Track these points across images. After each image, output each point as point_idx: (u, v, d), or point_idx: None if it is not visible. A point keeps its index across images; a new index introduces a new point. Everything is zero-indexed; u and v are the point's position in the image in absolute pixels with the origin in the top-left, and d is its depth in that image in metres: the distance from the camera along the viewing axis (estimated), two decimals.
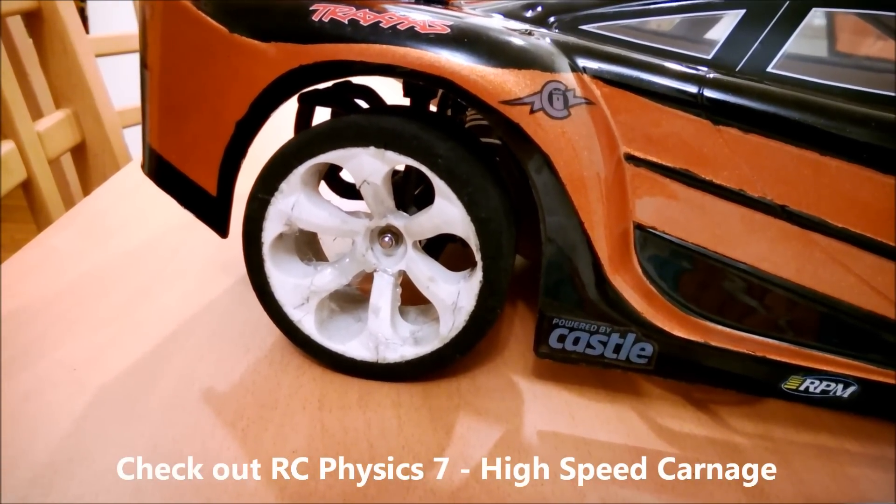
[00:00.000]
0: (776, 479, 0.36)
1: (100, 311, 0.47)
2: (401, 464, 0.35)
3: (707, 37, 0.40)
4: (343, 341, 0.41)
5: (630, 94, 0.36)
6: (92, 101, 0.86)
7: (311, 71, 0.36)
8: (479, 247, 0.37)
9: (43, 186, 0.78)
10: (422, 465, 0.35)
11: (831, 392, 0.38)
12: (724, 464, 0.37)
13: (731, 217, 0.36)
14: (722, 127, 0.35)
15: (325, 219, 0.39)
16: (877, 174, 0.34)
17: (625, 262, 0.38)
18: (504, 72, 0.34)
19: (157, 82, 0.40)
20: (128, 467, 0.34)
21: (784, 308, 0.38)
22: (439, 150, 0.36)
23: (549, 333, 0.39)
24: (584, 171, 0.35)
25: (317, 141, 0.37)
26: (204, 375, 0.41)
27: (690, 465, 0.36)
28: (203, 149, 0.40)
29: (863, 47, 0.46)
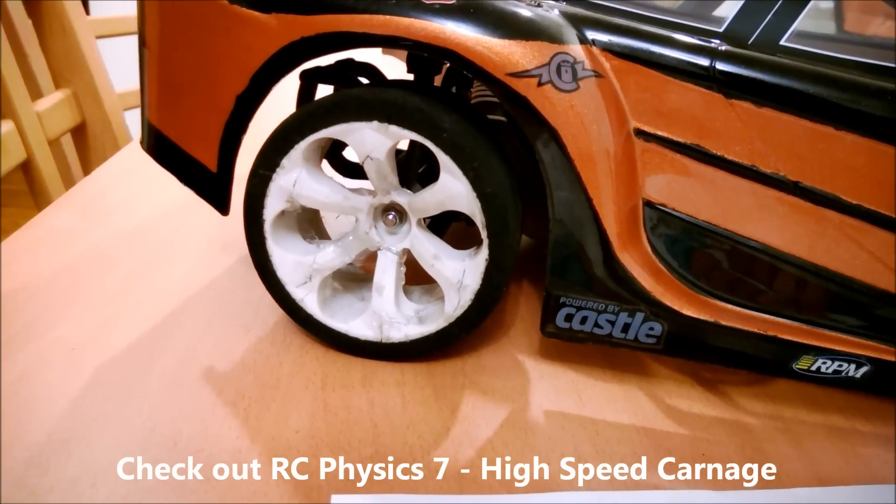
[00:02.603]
0: (786, 459, 0.36)
1: (99, 290, 0.47)
2: (405, 443, 0.35)
3: (719, 9, 0.39)
4: (346, 320, 0.40)
5: (640, 67, 0.35)
6: (91, 81, 0.85)
7: (313, 43, 0.35)
8: (484, 223, 0.36)
9: (42, 167, 0.77)
10: (426, 444, 0.35)
11: (843, 372, 0.38)
12: (734, 444, 0.36)
13: (742, 193, 0.35)
14: (734, 101, 0.34)
15: (327, 195, 0.38)
16: (893, 149, 0.33)
17: (634, 239, 0.37)
18: (511, 43, 0.33)
19: (156, 57, 0.39)
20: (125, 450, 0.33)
21: (796, 286, 0.37)
22: (443, 123, 0.35)
23: (555, 312, 0.38)
24: (593, 146, 0.34)
25: (318, 115, 0.36)
26: (204, 355, 0.40)
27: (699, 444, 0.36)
28: (203, 124, 0.39)
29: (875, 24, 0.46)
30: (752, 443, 0.37)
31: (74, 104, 0.85)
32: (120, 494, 0.31)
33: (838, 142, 0.34)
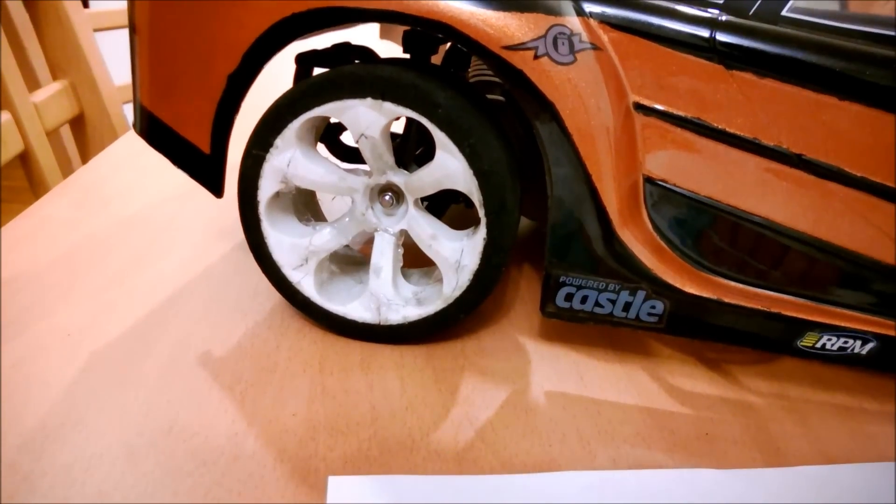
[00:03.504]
0: (793, 437, 0.35)
1: (95, 278, 0.46)
2: (404, 424, 0.34)
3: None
4: (344, 303, 0.40)
5: (639, 39, 0.34)
6: (89, 72, 0.85)
7: (304, 19, 0.34)
8: (482, 201, 0.35)
9: (40, 158, 0.77)
10: (425, 426, 0.34)
11: (849, 349, 0.37)
12: (738, 423, 0.36)
13: (744, 167, 0.35)
14: (735, 72, 0.33)
15: (322, 175, 0.38)
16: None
17: (634, 216, 0.36)
18: (506, 15, 0.32)
19: (147, 39, 0.39)
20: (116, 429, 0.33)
21: (800, 262, 0.36)
22: (439, 98, 0.34)
23: (555, 292, 0.38)
24: (592, 121, 0.34)
25: (311, 93, 0.36)
26: (201, 340, 0.40)
27: (703, 423, 0.35)
28: (195, 105, 0.38)
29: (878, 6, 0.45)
30: (757, 422, 0.36)
31: (72, 95, 0.85)
32: (114, 479, 0.31)
33: (842, 112, 0.33)
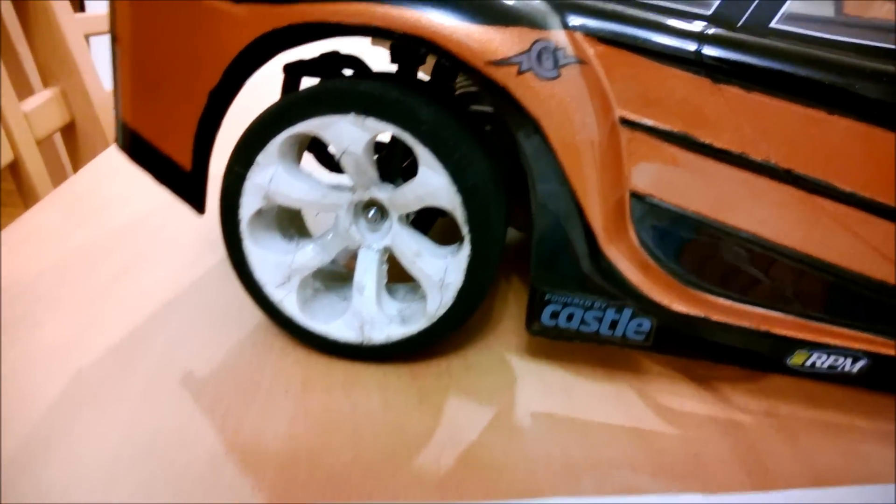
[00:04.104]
0: (782, 457, 0.34)
1: (84, 289, 0.46)
2: (386, 447, 0.34)
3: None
4: (327, 321, 0.39)
5: (625, 53, 0.33)
6: (80, 79, 0.84)
7: (285, 34, 0.34)
8: (466, 218, 0.35)
9: (30, 167, 0.77)
10: (408, 450, 0.34)
11: (839, 367, 0.36)
12: (727, 443, 0.35)
13: (732, 182, 0.34)
14: (723, 86, 0.33)
15: (304, 192, 0.37)
16: (888, 134, 0.32)
17: (620, 232, 0.36)
18: (489, 30, 0.32)
19: (128, 54, 0.38)
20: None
21: (789, 278, 0.36)
22: (422, 115, 0.34)
23: (541, 310, 0.37)
24: (576, 136, 0.33)
25: (294, 109, 0.35)
26: (185, 358, 0.39)
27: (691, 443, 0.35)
28: (176, 121, 0.38)
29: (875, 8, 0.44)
30: (746, 441, 0.35)
31: (63, 103, 0.84)
32: (97, 494, 0.30)
33: (831, 127, 0.32)
